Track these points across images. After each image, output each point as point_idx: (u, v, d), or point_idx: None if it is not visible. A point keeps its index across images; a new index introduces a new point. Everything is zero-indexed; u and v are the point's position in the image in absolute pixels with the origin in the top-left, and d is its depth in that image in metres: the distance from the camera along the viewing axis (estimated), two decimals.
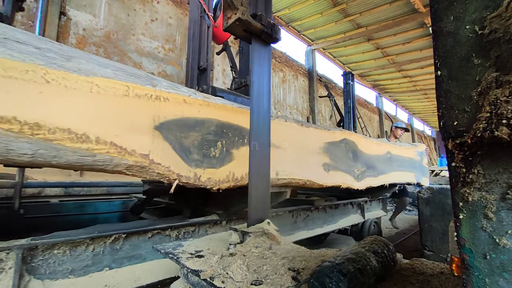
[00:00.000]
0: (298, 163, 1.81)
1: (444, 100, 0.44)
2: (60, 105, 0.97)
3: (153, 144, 1.21)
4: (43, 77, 0.94)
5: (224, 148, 1.50)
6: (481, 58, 0.41)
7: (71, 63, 1.03)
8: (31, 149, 0.91)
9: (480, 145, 0.42)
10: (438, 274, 0.99)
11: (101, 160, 1.07)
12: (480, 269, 0.42)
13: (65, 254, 1.16)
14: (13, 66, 0.88)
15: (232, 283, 0.87)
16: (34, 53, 0.95)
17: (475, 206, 0.43)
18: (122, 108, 1.12)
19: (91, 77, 1.05)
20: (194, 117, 1.36)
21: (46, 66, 0.96)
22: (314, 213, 2.42)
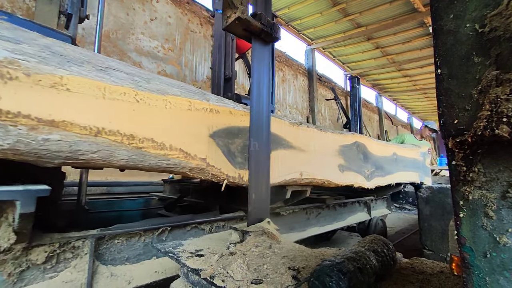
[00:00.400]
0: (318, 164, 1.99)
1: (444, 99, 0.44)
2: (146, 119, 1.19)
3: (209, 150, 1.43)
4: (134, 98, 1.17)
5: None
6: (482, 56, 0.41)
7: (150, 85, 1.25)
8: (127, 155, 1.13)
9: (480, 143, 0.42)
10: (438, 273, 0.99)
11: (173, 163, 1.29)
12: (481, 268, 0.42)
13: (123, 243, 1.34)
14: (115, 90, 1.10)
15: (232, 282, 0.87)
16: (126, 78, 1.17)
17: (475, 205, 0.43)
18: (186, 120, 1.35)
19: (165, 96, 1.28)
20: (238, 125, 1.59)
21: (136, 89, 1.18)
22: (325, 211, 2.57)
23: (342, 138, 2.30)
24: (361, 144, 2.48)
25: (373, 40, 10.14)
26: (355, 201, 3.02)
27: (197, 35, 6.61)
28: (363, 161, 2.47)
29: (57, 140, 0.95)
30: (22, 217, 0.94)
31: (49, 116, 0.94)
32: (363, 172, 2.43)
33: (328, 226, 2.56)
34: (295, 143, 1.82)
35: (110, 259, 1.30)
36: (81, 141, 1.01)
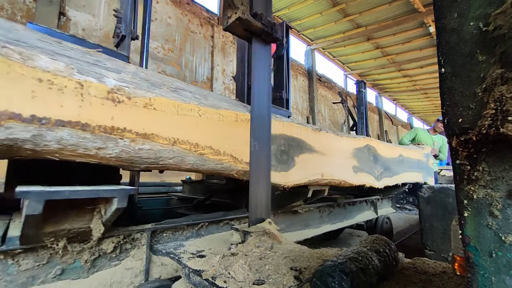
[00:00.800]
0: (336, 166, 2.19)
1: (448, 97, 0.44)
2: (206, 130, 1.42)
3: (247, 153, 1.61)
4: (198, 113, 1.39)
5: (290, 156, 1.85)
6: (486, 54, 0.40)
7: (208, 101, 1.50)
8: (193, 161, 1.36)
9: (485, 142, 0.41)
10: (440, 274, 0.99)
11: (225, 167, 1.52)
12: (486, 268, 0.41)
13: (169, 236, 1.54)
14: (185, 107, 1.34)
15: (234, 283, 0.86)
16: (191, 97, 1.41)
17: (480, 204, 0.43)
18: (235, 130, 1.57)
19: (219, 110, 1.52)
20: (273, 133, 1.74)
21: (199, 105, 1.41)
22: (336, 209, 2.75)
23: (355, 142, 2.49)
24: (371, 147, 2.65)
25: (373, 40, 10.14)
26: (362, 200, 3.17)
27: (197, 36, 6.62)
28: (374, 163, 2.65)
29: (147, 149, 1.19)
30: (116, 211, 1.12)
31: (143, 130, 1.17)
32: (373, 173, 2.61)
33: (339, 223, 2.73)
34: (317, 147, 2.03)
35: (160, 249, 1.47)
36: (163, 149, 1.24)
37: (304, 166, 1.88)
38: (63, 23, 4.50)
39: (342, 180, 2.20)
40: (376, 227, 3.44)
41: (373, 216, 3.27)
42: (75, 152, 1.02)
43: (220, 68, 7.00)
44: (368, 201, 3.27)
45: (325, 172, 2.03)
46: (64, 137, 0.97)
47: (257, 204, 1.50)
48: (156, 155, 1.22)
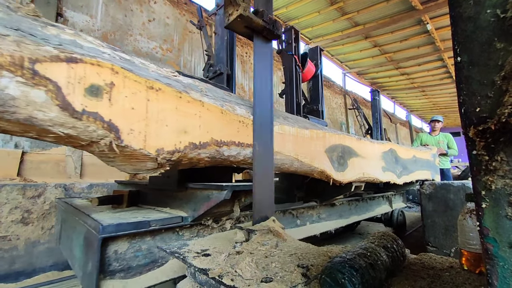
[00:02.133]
0: (371, 166, 2.66)
1: (465, 87, 0.43)
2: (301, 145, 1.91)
3: (324, 159, 2.11)
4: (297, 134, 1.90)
5: (345, 160, 2.33)
6: (504, 42, 0.40)
7: (300, 124, 2.01)
8: (297, 165, 1.88)
9: (503, 131, 0.41)
10: (447, 268, 0.98)
11: (312, 169, 2.00)
12: (506, 259, 0.41)
13: None
14: (299, 132, 1.92)
15: (242, 280, 0.85)
16: (293, 123, 1.93)
17: (498, 194, 0.42)
18: (313, 143, 2.04)
19: (307, 130, 2.00)
20: (335, 143, 2.27)
21: (297, 128, 1.93)
22: (360, 203, 3.24)
23: (382, 147, 3.01)
24: (393, 150, 3.20)
25: (371, 39, 10.15)
26: (380, 195, 3.65)
27: (196, 36, 6.59)
28: (395, 163, 3.16)
29: (277, 158, 1.69)
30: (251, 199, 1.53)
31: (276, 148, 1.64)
32: (395, 172, 3.13)
33: (363, 215, 3.23)
34: (359, 152, 2.51)
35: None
36: (284, 158, 1.77)
37: (352, 167, 2.38)
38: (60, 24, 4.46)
39: (375, 178, 2.68)
40: (392, 219, 3.95)
41: (389, 209, 3.76)
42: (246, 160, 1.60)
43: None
44: (384, 197, 3.75)
45: (365, 172, 2.53)
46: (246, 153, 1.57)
47: (261, 202, 1.49)
48: (281, 162, 1.77)
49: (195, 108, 1.27)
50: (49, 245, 2.51)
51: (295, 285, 0.82)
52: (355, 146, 2.47)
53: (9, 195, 2.38)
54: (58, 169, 3.29)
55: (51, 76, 0.87)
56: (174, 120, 1.18)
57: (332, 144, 2.21)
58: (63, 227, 1.84)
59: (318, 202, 2.53)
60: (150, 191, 1.92)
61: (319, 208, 2.55)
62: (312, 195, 2.53)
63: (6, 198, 2.36)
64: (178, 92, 1.21)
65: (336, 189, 2.38)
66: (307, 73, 3.42)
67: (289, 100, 2.96)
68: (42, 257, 2.48)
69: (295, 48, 3.06)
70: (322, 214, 2.58)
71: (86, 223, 1.35)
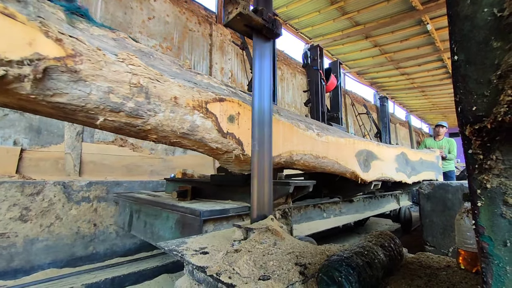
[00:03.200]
0: (387, 168, 3.05)
1: (462, 85, 0.43)
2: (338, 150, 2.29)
3: (353, 162, 2.44)
4: (337, 142, 2.30)
5: (369, 162, 2.71)
6: (500, 41, 0.40)
7: (337, 134, 2.40)
8: (336, 167, 2.27)
9: (499, 130, 0.41)
10: (444, 268, 0.99)
11: (346, 170, 2.36)
12: (501, 257, 0.41)
13: (298, 212, 2.31)
14: (337, 141, 2.30)
15: (239, 278, 0.85)
16: (333, 133, 2.33)
17: (494, 193, 0.42)
18: (347, 148, 2.39)
19: (342, 138, 2.38)
20: (361, 149, 2.62)
21: (338, 137, 2.33)
22: (373, 200, 3.59)
23: (395, 150, 3.37)
24: (404, 153, 3.56)
25: (371, 38, 10.14)
26: (389, 194, 4.02)
27: (196, 34, 6.58)
28: (406, 165, 3.51)
29: (324, 162, 2.11)
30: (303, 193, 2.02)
31: (323, 154, 2.11)
32: (406, 172, 3.47)
33: (375, 210, 3.58)
34: (379, 155, 2.90)
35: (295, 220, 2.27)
36: (327, 161, 2.14)
37: (374, 168, 2.76)
38: None
39: (391, 177, 3.06)
40: (399, 216, 4.36)
41: (397, 206, 4.14)
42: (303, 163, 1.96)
43: (219, 66, 6.97)
44: (393, 195, 4.13)
45: (383, 172, 2.93)
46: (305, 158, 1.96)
47: (259, 201, 1.49)
48: (325, 165, 2.14)
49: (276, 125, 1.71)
50: (47, 243, 2.51)
51: (293, 283, 0.82)
52: (375, 150, 2.88)
53: (8, 192, 2.38)
54: (57, 167, 3.28)
55: (213, 111, 1.37)
56: None
57: (359, 149, 2.62)
58: (136, 216, 2.28)
59: (341, 198, 2.91)
60: (210, 187, 2.33)
61: (341, 203, 2.93)
62: (335, 192, 2.90)
63: (5, 195, 2.36)
64: None
65: (357, 187, 2.74)
66: (330, 85, 3.90)
67: (315, 108, 3.49)
68: (41, 255, 2.48)
69: (320, 64, 3.56)
70: (343, 209, 2.95)
71: (179, 210, 1.78)
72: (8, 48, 0.77)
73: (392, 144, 4.35)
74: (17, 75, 0.78)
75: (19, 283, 2.20)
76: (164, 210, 1.93)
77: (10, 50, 0.77)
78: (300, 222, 2.31)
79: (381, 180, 2.94)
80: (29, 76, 0.80)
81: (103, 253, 2.81)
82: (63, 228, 2.60)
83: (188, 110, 1.24)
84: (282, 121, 1.82)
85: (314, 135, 2.04)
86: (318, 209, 2.60)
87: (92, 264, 2.66)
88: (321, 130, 2.16)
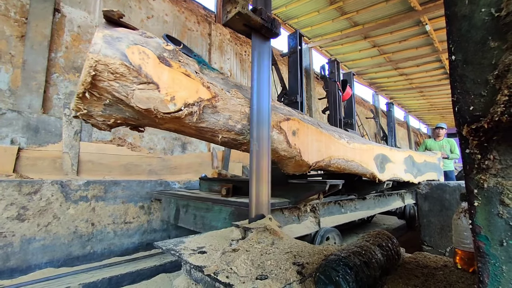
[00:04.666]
0: (398, 169, 3.36)
1: (459, 85, 0.43)
2: (361, 154, 2.56)
3: (372, 164, 2.74)
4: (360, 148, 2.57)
5: (384, 164, 3.02)
6: (498, 41, 0.40)
7: (360, 141, 2.68)
8: (359, 168, 2.51)
9: (496, 130, 0.41)
10: (441, 267, 0.99)
11: (367, 171, 2.62)
12: (497, 257, 0.41)
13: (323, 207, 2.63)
14: (359, 147, 2.57)
15: (237, 278, 0.85)
16: (357, 140, 2.62)
17: (490, 193, 0.42)
18: (368, 153, 2.69)
19: (365, 145, 2.67)
20: (378, 153, 2.93)
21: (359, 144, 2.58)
22: (381, 198, 3.90)
23: (404, 154, 3.68)
24: (411, 156, 3.89)
25: (370, 39, 10.16)
26: (395, 192, 4.32)
27: (195, 34, 6.57)
28: (412, 166, 3.85)
29: (351, 164, 2.40)
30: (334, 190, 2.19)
31: (351, 158, 2.38)
32: (413, 173, 3.79)
33: (383, 208, 3.91)
34: (391, 158, 3.22)
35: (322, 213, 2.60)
36: (354, 164, 2.42)
37: (388, 169, 3.07)
38: (58, 20, 4.43)
39: (401, 177, 3.38)
40: (404, 213, 4.67)
41: (402, 204, 4.48)
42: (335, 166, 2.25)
43: (218, 66, 6.96)
44: (398, 194, 4.44)
45: (395, 173, 3.24)
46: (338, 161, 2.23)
47: (258, 201, 1.49)
48: (353, 167, 2.41)
49: (320, 136, 2.10)
50: (44, 242, 2.49)
51: (290, 283, 0.82)
52: (389, 154, 3.24)
53: (5, 191, 2.36)
54: (55, 166, 3.27)
55: (283, 128, 1.71)
56: (316, 145, 2.01)
57: (376, 153, 2.95)
58: (183, 210, 2.63)
59: (356, 196, 3.20)
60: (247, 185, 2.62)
61: (356, 200, 3.26)
62: (350, 190, 3.21)
63: (2, 195, 2.35)
64: (316, 128, 2.06)
65: (371, 185, 3.11)
66: (346, 95, 4.33)
67: (333, 116, 3.97)
68: (38, 254, 2.46)
69: (337, 76, 4.04)
70: (357, 205, 3.27)
71: (233, 204, 2.06)
72: (188, 96, 1.20)
73: (399, 148, 4.71)
74: (190, 112, 1.20)
75: (16, 282, 2.19)
76: (215, 204, 2.20)
77: (189, 97, 1.21)
78: (324, 216, 2.65)
79: (393, 180, 3.26)
80: (196, 112, 1.22)
81: (101, 252, 2.80)
82: (61, 227, 2.59)
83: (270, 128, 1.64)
84: (324, 132, 2.18)
85: (345, 142, 2.39)
86: (337, 205, 2.94)
87: (89, 263, 2.64)
88: (349, 139, 2.50)
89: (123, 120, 1.20)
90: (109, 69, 0.98)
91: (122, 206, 2.98)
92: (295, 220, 2.28)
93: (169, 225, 3.28)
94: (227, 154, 4.85)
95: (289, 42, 3.36)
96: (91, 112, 1.08)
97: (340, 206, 2.99)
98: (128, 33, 1.10)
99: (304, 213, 2.38)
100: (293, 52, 3.25)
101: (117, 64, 0.99)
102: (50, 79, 4.26)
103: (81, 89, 0.99)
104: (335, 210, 2.87)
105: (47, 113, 4.14)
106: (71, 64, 4.52)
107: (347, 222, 2.98)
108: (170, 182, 3.47)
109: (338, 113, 3.90)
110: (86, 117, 1.11)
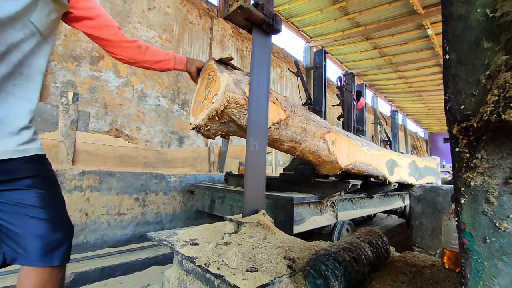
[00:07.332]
0: (404, 173, 3.68)
1: (451, 85, 0.44)
2: (375, 159, 2.85)
3: (384, 168, 3.05)
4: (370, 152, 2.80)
5: (393, 168, 3.31)
6: (491, 42, 0.41)
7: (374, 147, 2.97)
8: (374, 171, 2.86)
9: (485, 129, 0.42)
10: (429, 266, 1.01)
11: (380, 173, 2.94)
12: (480, 253, 0.42)
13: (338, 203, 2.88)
14: (375, 153, 2.91)
15: (228, 269, 0.86)
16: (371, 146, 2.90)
17: (477, 191, 0.43)
18: (381, 158, 2.99)
19: (381, 151, 3.07)
20: (388, 158, 3.23)
21: (377, 150, 2.96)
22: (386, 198, 4.26)
23: (408, 159, 4.03)
24: (414, 161, 4.25)
25: (371, 40, 10.17)
26: (396, 193, 4.64)
27: (196, 27, 6.52)
28: (415, 170, 4.20)
29: (363, 166, 2.64)
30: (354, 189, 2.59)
31: (369, 162, 2.72)
32: (415, 176, 4.15)
33: (387, 206, 4.29)
34: (399, 163, 3.55)
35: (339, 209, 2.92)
36: (367, 166, 2.69)
37: (396, 173, 3.39)
38: None
39: (405, 180, 3.71)
40: (404, 212, 5.03)
41: (402, 204, 4.86)
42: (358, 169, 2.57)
43: None
44: (399, 195, 4.79)
45: (401, 176, 3.56)
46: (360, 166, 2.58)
47: (252, 196, 1.50)
48: (370, 170, 2.75)
49: (350, 144, 2.43)
50: None
51: (280, 276, 0.83)
52: (397, 159, 3.54)
53: None
54: (50, 155, 3.24)
55: (326, 138, 2.05)
56: (346, 152, 2.34)
57: (387, 159, 3.27)
58: (219, 201, 2.96)
59: (366, 194, 3.52)
60: (276, 181, 3.05)
61: (365, 199, 3.60)
62: (360, 189, 3.44)
63: None
64: (346, 138, 2.37)
65: (380, 186, 3.44)
66: (359, 105, 4.76)
67: (348, 123, 4.41)
68: None
69: (352, 87, 4.47)
70: (365, 203, 3.62)
71: (270, 197, 2.39)
72: (274, 117, 1.60)
73: (404, 153, 5.11)
74: (275, 128, 1.61)
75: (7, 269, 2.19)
76: None
77: (274, 118, 1.60)
78: (340, 211, 2.96)
79: (399, 182, 3.62)
80: (278, 128, 1.62)
81: (94, 242, 2.80)
82: None
83: (317, 139, 1.97)
84: (352, 142, 2.54)
85: (365, 149, 2.70)
86: (350, 202, 3.29)
87: (82, 253, 2.64)
88: (368, 146, 2.81)
89: (227, 132, 1.57)
90: (235, 102, 1.38)
91: (116, 197, 2.98)
92: (318, 213, 2.63)
93: (165, 220, 3.28)
94: (224, 150, 4.85)
95: (315, 58, 3.92)
96: (210, 127, 1.44)
97: (352, 203, 3.34)
98: (244, 76, 1.51)
99: (325, 207, 2.76)
100: (319, 67, 3.67)
101: (240, 98, 1.39)
102: (48, 67, 4.21)
103: (213, 113, 1.34)
104: (348, 206, 3.24)
105: (44, 101, 4.10)
106: (70, 53, 4.47)
107: (357, 217, 3.37)
108: (166, 175, 3.46)
109: (352, 120, 4.38)
110: (203, 130, 1.45)
